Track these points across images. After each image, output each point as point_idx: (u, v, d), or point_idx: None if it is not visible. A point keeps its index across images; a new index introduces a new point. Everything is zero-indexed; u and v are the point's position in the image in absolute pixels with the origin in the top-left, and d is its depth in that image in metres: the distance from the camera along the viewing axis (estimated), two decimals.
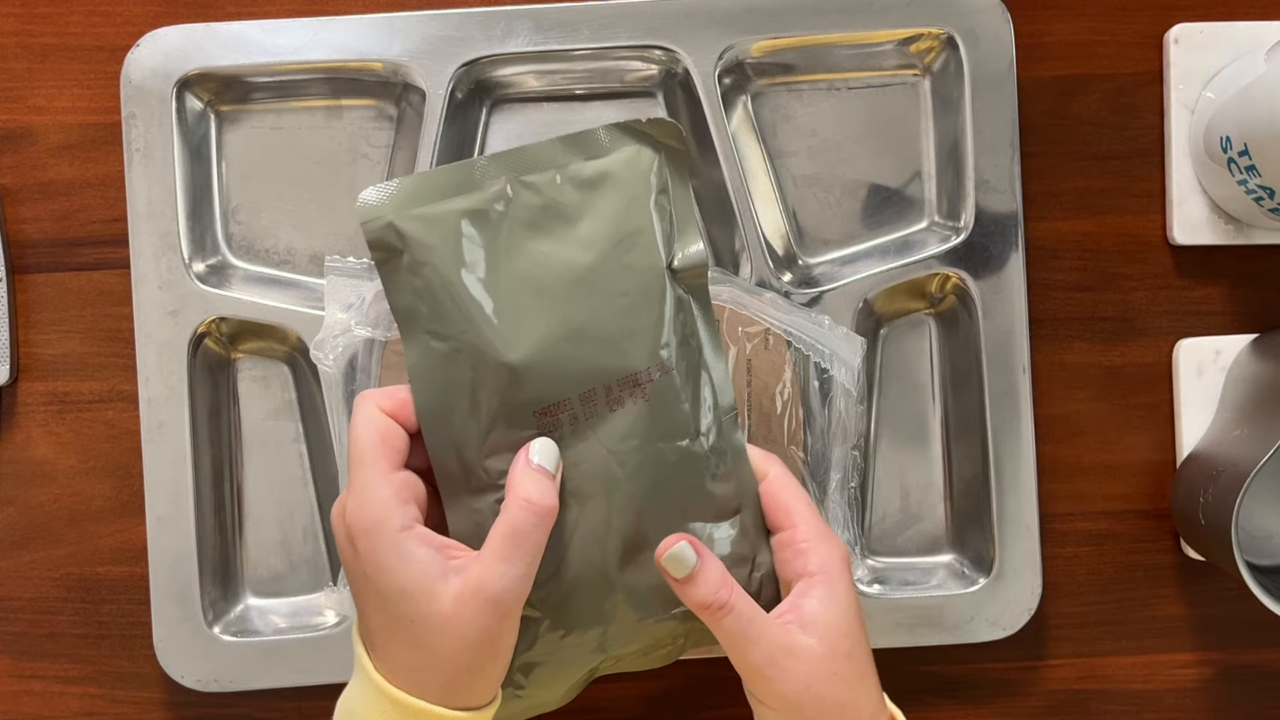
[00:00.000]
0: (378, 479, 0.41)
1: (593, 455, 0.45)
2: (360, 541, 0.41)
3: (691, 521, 0.47)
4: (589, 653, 0.47)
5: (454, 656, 0.41)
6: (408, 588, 0.40)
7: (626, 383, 0.45)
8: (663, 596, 0.46)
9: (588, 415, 0.45)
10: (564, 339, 0.44)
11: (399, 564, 0.40)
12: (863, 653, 0.45)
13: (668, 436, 0.46)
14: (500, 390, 0.44)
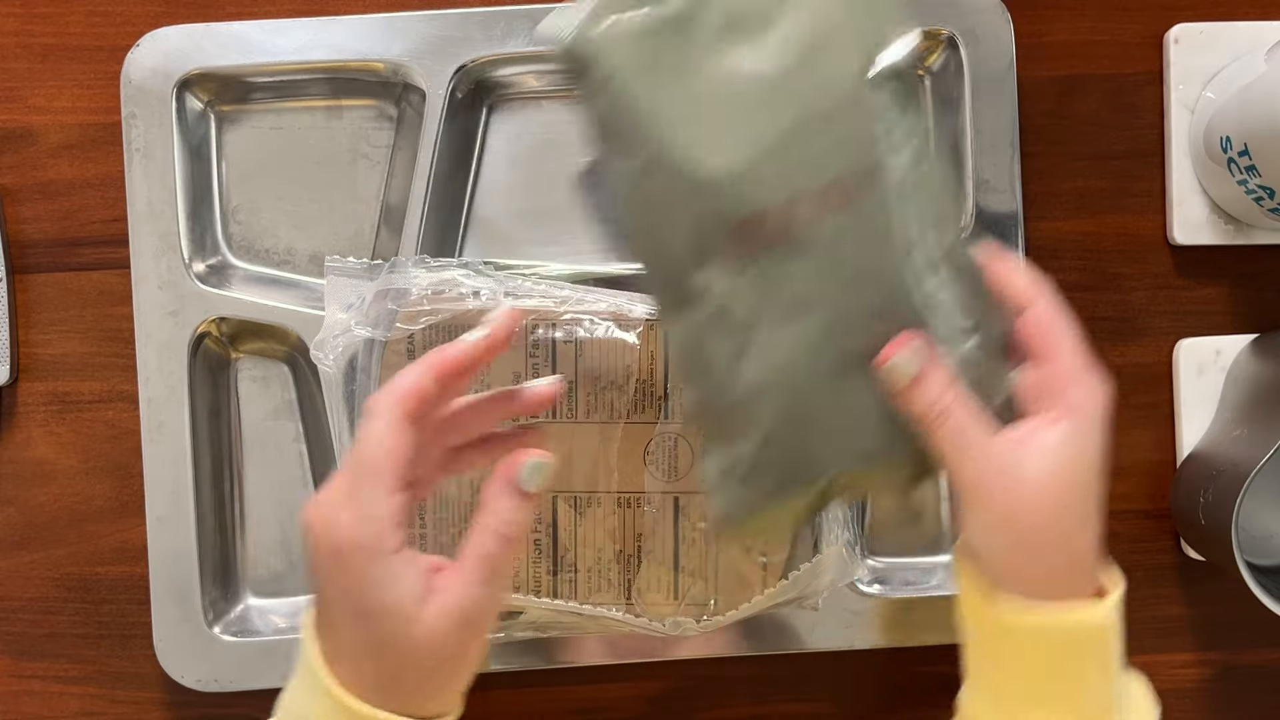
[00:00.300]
0: (381, 498, 0.40)
1: (801, 269, 0.42)
2: (351, 557, 0.39)
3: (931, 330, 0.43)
4: (828, 458, 0.44)
5: (428, 673, 0.41)
6: (393, 608, 0.39)
7: (832, 192, 0.42)
8: (881, 413, 0.43)
9: (792, 227, 0.42)
10: (762, 148, 0.41)
11: (388, 585, 0.39)
12: (1091, 503, 0.43)
13: (880, 250, 0.42)
14: (700, 204, 0.42)
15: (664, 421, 0.54)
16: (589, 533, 0.55)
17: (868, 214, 0.42)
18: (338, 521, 0.40)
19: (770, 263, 0.42)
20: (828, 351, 0.43)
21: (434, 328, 0.54)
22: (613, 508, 0.55)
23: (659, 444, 0.55)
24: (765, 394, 0.43)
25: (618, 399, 0.54)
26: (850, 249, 0.42)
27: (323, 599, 0.41)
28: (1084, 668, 0.44)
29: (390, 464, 0.40)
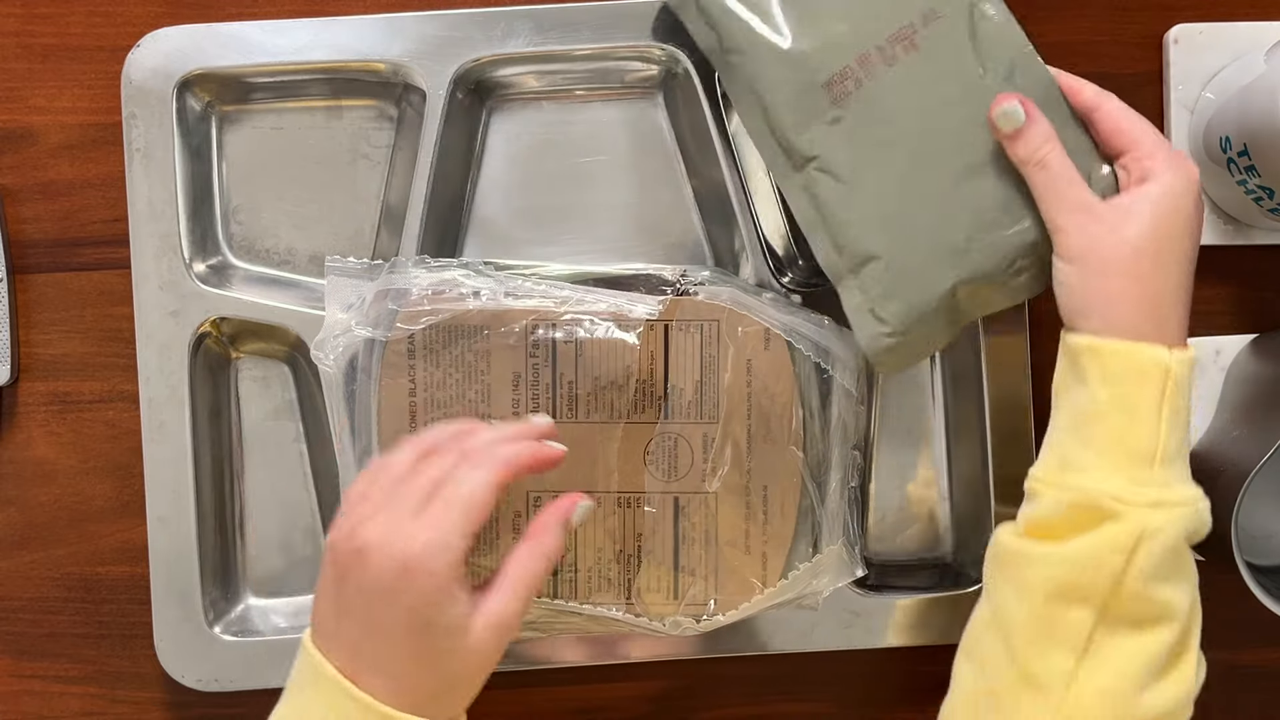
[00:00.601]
0: (461, 531, 0.44)
1: (885, 109, 0.52)
2: (422, 577, 0.43)
3: (989, 173, 0.51)
4: (943, 270, 0.52)
5: (472, 679, 0.45)
6: (452, 625, 0.44)
7: (896, 38, 0.52)
8: (999, 208, 0.51)
9: (870, 76, 0.52)
10: (831, 16, 0.52)
11: (450, 605, 0.43)
12: (1169, 258, 0.47)
13: (954, 76, 0.52)
14: (790, 75, 0.52)
15: (664, 421, 0.54)
16: (589, 533, 0.55)
17: (935, 50, 0.52)
18: (414, 539, 0.43)
19: (861, 108, 0.52)
20: (922, 174, 0.52)
21: (434, 328, 0.54)
22: (613, 508, 0.55)
23: (659, 444, 0.55)
24: (876, 223, 0.52)
25: (618, 399, 0.54)
26: (926, 82, 0.52)
27: (370, 617, 0.44)
28: (1135, 403, 0.46)
29: (479, 513, 0.44)
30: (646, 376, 0.54)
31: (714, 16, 0.53)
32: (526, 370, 0.54)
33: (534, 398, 0.54)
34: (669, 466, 0.55)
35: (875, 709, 0.63)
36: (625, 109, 0.61)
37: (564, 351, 0.54)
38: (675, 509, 0.55)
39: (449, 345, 0.54)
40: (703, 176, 0.60)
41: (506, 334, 0.54)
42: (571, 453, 0.49)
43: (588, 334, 0.54)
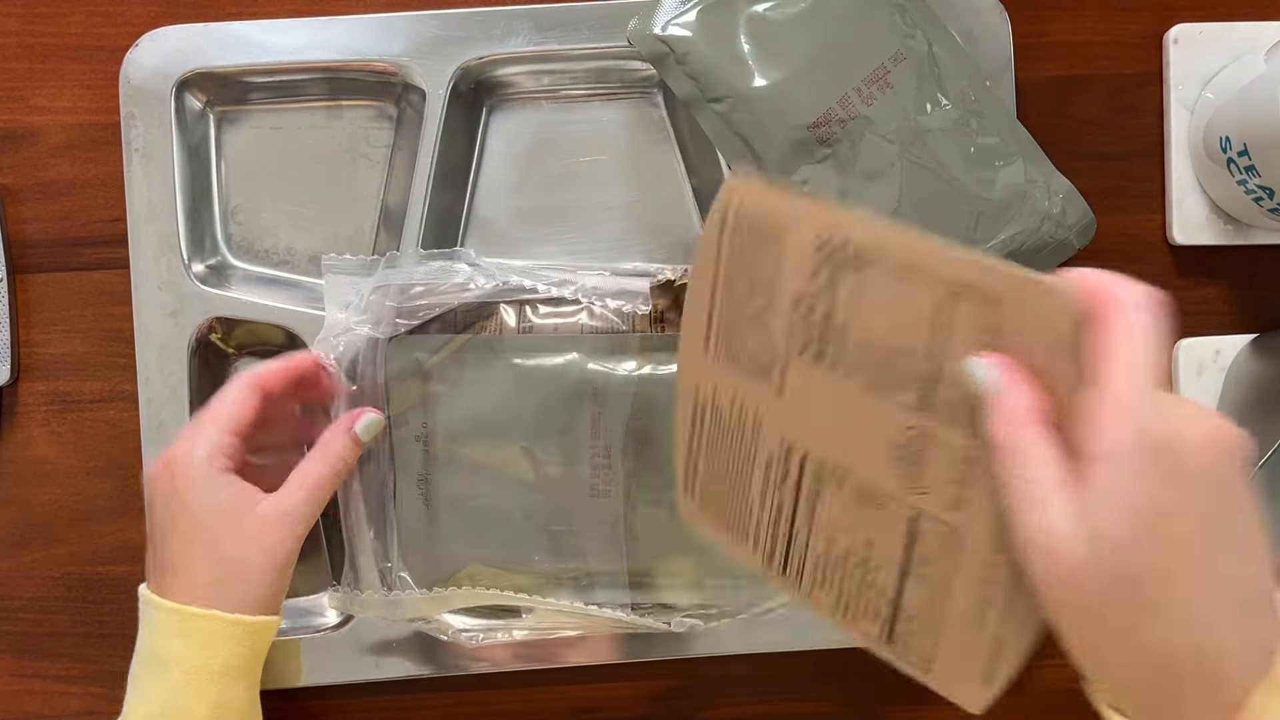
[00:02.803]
0: (211, 432, 0.49)
1: (869, 145, 0.55)
2: (182, 470, 0.48)
3: (974, 170, 0.56)
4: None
5: (256, 567, 0.48)
6: (224, 507, 0.48)
7: (871, 79, 0.55)
8: (979, 224, 0.56)
9: (851, 115, 0.55)
10: (810, 63, 0.55)
11: (215, 491, 0.48)
12: (1153, 591, 0.32)
13: (921, 109, 0.55)
14: (775, 119, 0.55)
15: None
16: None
17: (904, 86, 0.55)
18: (171, 447, 0.49)
19: (847, 146, 0.55)
20: (911, 199, 0.55)
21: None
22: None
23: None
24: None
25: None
26: (901, 116, 0.55)
27: (157, 529, 0.49)
28: None
29: (227, 413, 0.49)
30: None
31: (694, 68, 0.55)
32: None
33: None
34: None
35: (875, 709, 0.63)
36: (625, 109, 0.61)
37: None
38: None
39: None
40: (702, 176, 0.60)
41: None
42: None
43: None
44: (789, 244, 0.41)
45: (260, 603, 0.48)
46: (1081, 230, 0.58)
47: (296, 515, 0.49)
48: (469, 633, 0.56)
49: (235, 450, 0.49)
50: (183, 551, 0.48)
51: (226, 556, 0.48)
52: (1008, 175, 0.56)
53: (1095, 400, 0.33)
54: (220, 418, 0.49)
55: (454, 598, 0.56)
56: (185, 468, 0.48)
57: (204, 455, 0.48)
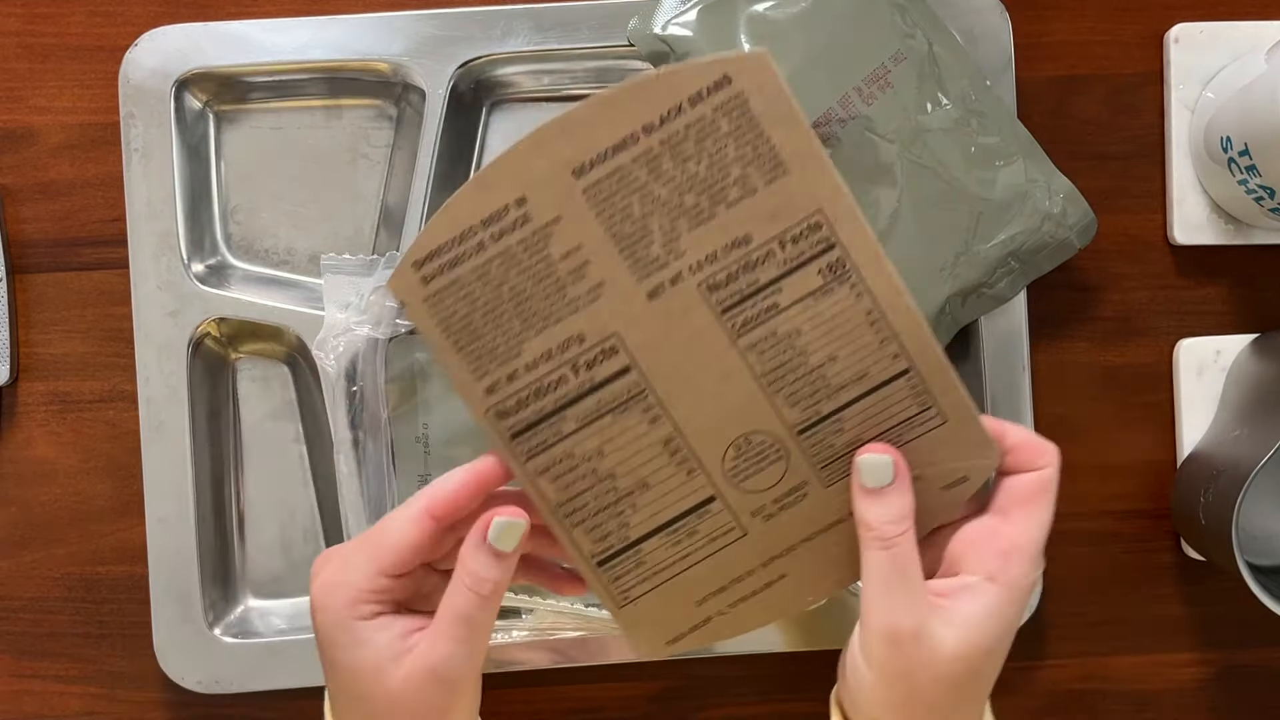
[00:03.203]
0: (365, 569, 0.41)
1: (870, 145, 0.55)
2: (319, 615, 0.41)
3: (974, 170, 0.56)
4: (936, 287, 0.56)
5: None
6: (358, 668, 0.40)
7: (871, 79, 0.55)
8: (977, 225, 0.56)
9: (852, 115, 0.54)
10: (810, 62, 0.55)
11: (351, 645, 0.40)
12: (991, 676, 0.42)
13: (921, 109, 0.55)
14: None
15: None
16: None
17: (905, 86, 0.55)
18: (317, 578, 0.41)
19: (848, 146, 0.56)
20: (910, 200, 0.55)
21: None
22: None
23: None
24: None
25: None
26: (902, 116, 0.55)
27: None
28: None
29: (389, 544, 0.41)
30: None
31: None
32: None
33: None
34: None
35: None
36: None
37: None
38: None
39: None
40: None
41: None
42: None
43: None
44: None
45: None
46: (1082, 230, 0.58)
47: (446, 669, 0.40)
48: None
49: (390, 590, 0.41)
50: (337, 696, 0.42)
51: (370, 718, 0.41)
52: (1008, 175, 0.56)
53: (1008, 538, 0.41)
54: (379, 552, 0.41)
55: None
56: (324, 613, 0.41)
57: (344, 602, 0.40)
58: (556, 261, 0.40)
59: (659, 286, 0.40)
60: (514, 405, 0.41)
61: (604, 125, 0.39)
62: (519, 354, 0.40)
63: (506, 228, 0.39)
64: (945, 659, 0.40)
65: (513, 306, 0.40)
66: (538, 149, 0.39)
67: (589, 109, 0.38)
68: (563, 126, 0.38)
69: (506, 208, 0.39)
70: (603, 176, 0.39)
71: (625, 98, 0.38)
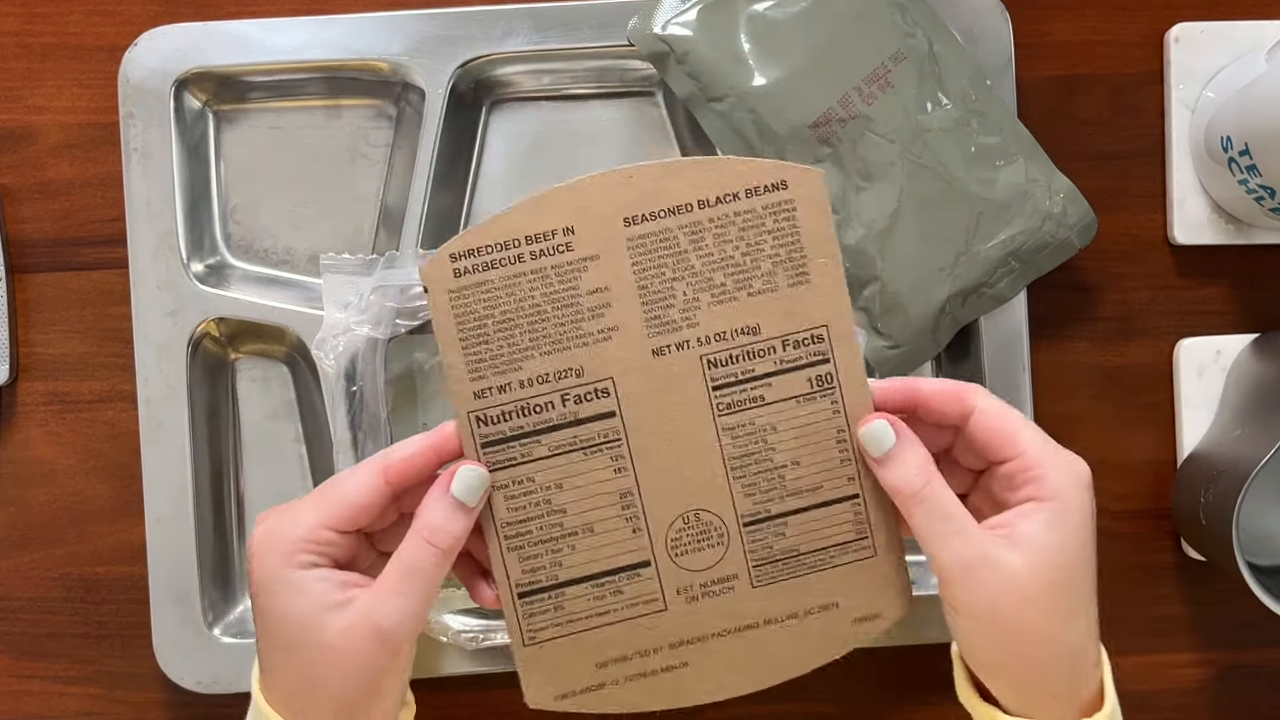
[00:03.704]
0: (306, 522, 0.40)
1: (870, 145, 0.55)
2: (254, 561, 0.40)
3: (975, 170, 0.56)
4: (936, 287, 0.56)
5: (336, 691, 0.39)
6: (294, 617, 0.39)
7: (872, 79, 0.55)
8: (978, 224, 0.56)
9: (852, 115, 0.55)
10: (810, 62, 0.55)
11: (286, 594, 0.39)
12: (1082, 590, 0.40)
13: (922, 108, 0.56)
14: (776, 118, 0.55)
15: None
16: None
17: (905, 86, 0.55)
18: (260, 526, 0.41)
19: (847, 145, 0.55)
20: (910, 200, 0.55)
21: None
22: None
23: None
24: (872, 249, 0.56)
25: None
26: (901, 116, 0.55)
27: (251, 603, 0.42)
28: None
29: (338, 499, 0.40)
30: None
31: (694, 67, 0.56)
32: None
33: None
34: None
35: (876, 709, 0.63)
36: (625, 108, 0.61)
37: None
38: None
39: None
40: None
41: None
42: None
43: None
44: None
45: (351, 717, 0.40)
46: (1082, 230, 0.58)
47: (391, 624, 0.39)
48: (469, 633, 0.56)
49: (331, 545, 0.40)
50: (267, 652, 0.41)
51: (306, 675, 0.39)
52: (1008, 175, 0.56)
53: (1018, 461, 0.40)
54: (326, 505, 0.40)
55: (454, 598, 0.56)
56: (261, 559, 0.40)
57: (284, 551, 0.39)
58: (582, 295, 0.42)
59: (666, 347, 0.42)
60: (497, 416, 0.42)
61: (666, 187, 0.42)
62: (519, 369, 0.42)
63: (548, 250, 0.42)
64: (1020, 579, 0.39)
65: (528, 323, 0.42)
66: (601, 189, 0.42)
67: (658, 169, 0.42)
68: (629, 175, 0.41)
69: (554, 232, 0.41)
70: (650, 232, 0.42)
71: (693, 170, 0.42)
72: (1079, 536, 0.40)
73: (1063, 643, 0.40)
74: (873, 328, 0.58)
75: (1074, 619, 0.40)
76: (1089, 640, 0.41)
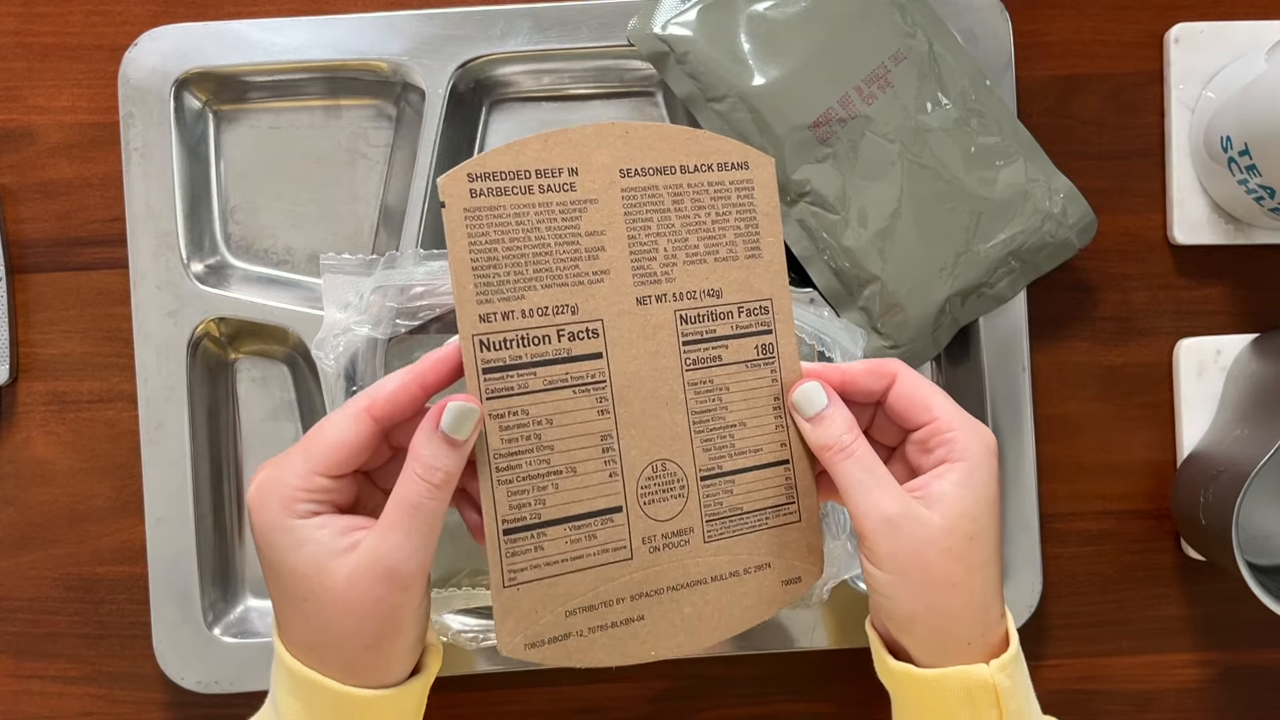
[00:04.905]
0: (300, 469, 0.40)
1: (870, 145, 0.55)
2: (254, 517, 0.40)
3: (975, 169, 0.56)
4: (936, 287, 0.57)
5: (351, 634, 0.40)
6: (299, 568, 0.39)
7: (871, 79, 0.55)
8: (977, 224, 0.56)
9: (852, 115, 0.55)
10: (810, 62, 0.55)
11: (291, 546, 0.39)
12: (989, 543, 0.44)
13: (922, 108, 0.56)
14: (776, 118, 0.55)
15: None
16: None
17: (905, 86, 0.56)
18: (254, 481, 0.41)
19: (847, 145, 0.56)
20: (910, 200, 0.56)
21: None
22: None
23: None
24: (872, 249, 0.56)
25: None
26: (901, 116, 0.55)
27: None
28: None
29: (325, 443, 0.40)
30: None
31: (694, 67, 0.56)
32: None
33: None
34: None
35: (876, 709, 0.63)
36: (625, 108, 0.61)
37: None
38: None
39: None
40: None
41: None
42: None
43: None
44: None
45: (368, 672, 0.40)
46: (1082, 230, 0.58)
47: (394, 560, 0.39)
48: (469, 633, 0.56)
49: (327, 492, 0.40)
50: (280, 604, 0.41)
51: (320, 622, 0.40)
52: (1008, 175, 0.56)
53: (941, 425, 0.44)
54: (314, 451, 0.40)
55: (454, 598, 0.55)
56: (260, 513, 0.40)
57: (280, 502, 0.39)
58: (582, 235, 0.44)
59: (647, 297, 0.44)
60: (499, 342, 0.43)
61: (656, 147, 0.45)
62: (522, 298, 0.43)
63: (554, 187, 0.43)
64: (939, 531, 0.42)
65: (533, 254, 0.43)
66: (601, 139, 0.44)
67: (650, 130, 0.44)
68: (627, 130, 0.44)
69: (561, 170, 0.43)
70: (641, 186, 0.44)
71: (679, 137, 0.45)
72: (987, 494, 0.44)
73: (976, 592, 0.43)
74: (873, 328, 0.58)
75: (985, 569, 0.43)
76: (996, 591, 0.44)
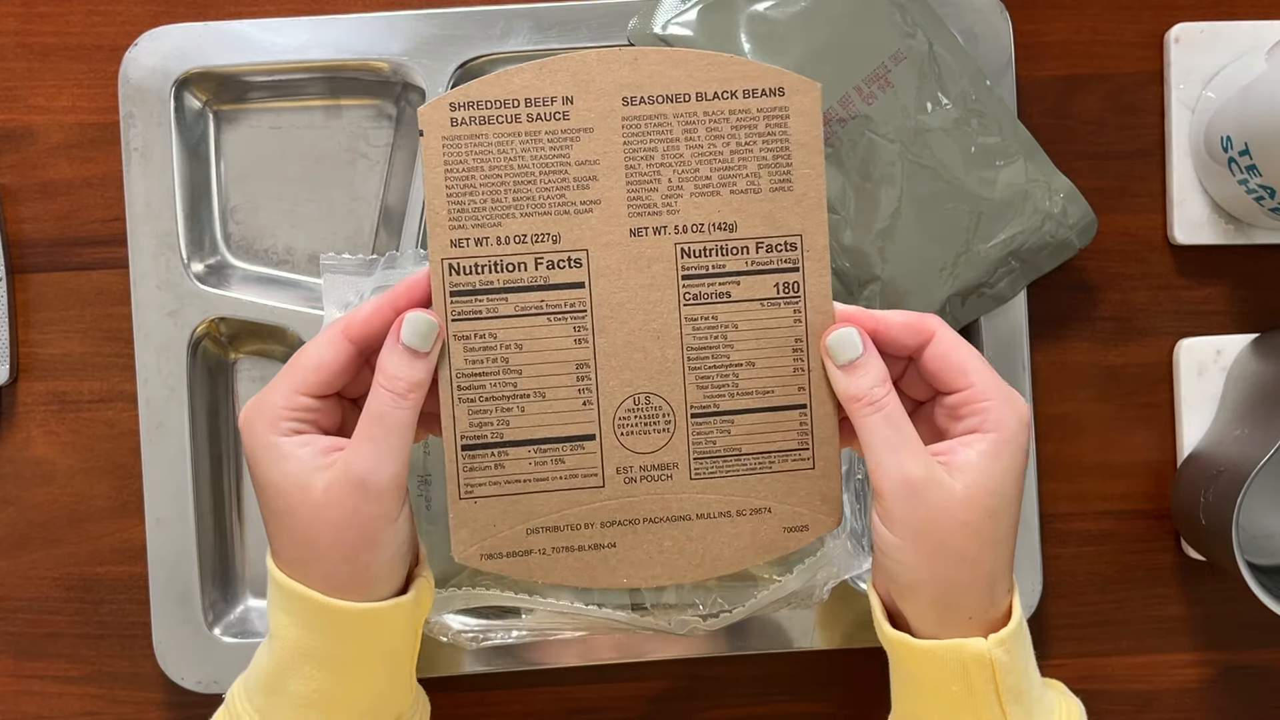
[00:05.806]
0: (283, 390, 0.42)
1: (870, 145, 0.55)
2: (246, 435, 0.43)
3: (975, 169, 0.56)
4: (936, 286, 0.56)
5: (330, 546, 0.41)
6: (281, 483, 0.42)
7: (872, 79, 0.55)
8: (978, 225, 0.56)
9: (852, 115, 0.55)
10: (810, 62, 0.55)
11: (276, 461, 0.42)
12: (1008, 520, 0.42)
13: (922, 108, 0.55)
14: None
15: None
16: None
17: (905, 85, 0.55)
18: (244, 408, 0.43)
19: (847, 145, 0.55)
20: (910, 200, 0.55)
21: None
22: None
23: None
24: (872, 249, 0.56)
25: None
26: (901, 115, 0.55)
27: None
28: (977, 697, 0.43)
29: (306, 364, 0.42)
30: None
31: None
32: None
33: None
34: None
35: (876, 709, 0.63)
36: None
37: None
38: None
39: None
40: None
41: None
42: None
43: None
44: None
45: (349, 586, 0.42)
46: (1083, 230, 0.58)
47: (363, 470, 0.41)
48: (469, 633, 0.56)
49: (311, 411, 0.42)
50: (268, 521, 0.43)
51: (302, 535, 0.42)
52: (1009, 175, 0.56)
53: (976, 393, 0.42)
54: (296, 373, 0.42)
55: (454, 598, 0.55)
56: (248, 433, 0.42)
57: (266, 421, 0.42)
58: (571, 164, 0.43)
59: (644, 229, 0.44)
60: (469, 267, 0.43)
61: (668, 74, 0.43)
62: (498, 225, 0.43)
63: (544, 115, 0.43)
64: (959, 502, 0.41)
65: (514, 182, 0.43)
66: (604, 65, 0.43)
67: (663, 55, 0.43)
68: (634, 56, 0.43)
69: (554, 99, 0.43)
70: (645, 115, 0.43)
71: (697, 62, 0.43)
72: (1014, 469, 0.42)
73: (986, 567, 0.42)
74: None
75: (999, 546, 0.42)
76: (1006, 567, 0.43)
